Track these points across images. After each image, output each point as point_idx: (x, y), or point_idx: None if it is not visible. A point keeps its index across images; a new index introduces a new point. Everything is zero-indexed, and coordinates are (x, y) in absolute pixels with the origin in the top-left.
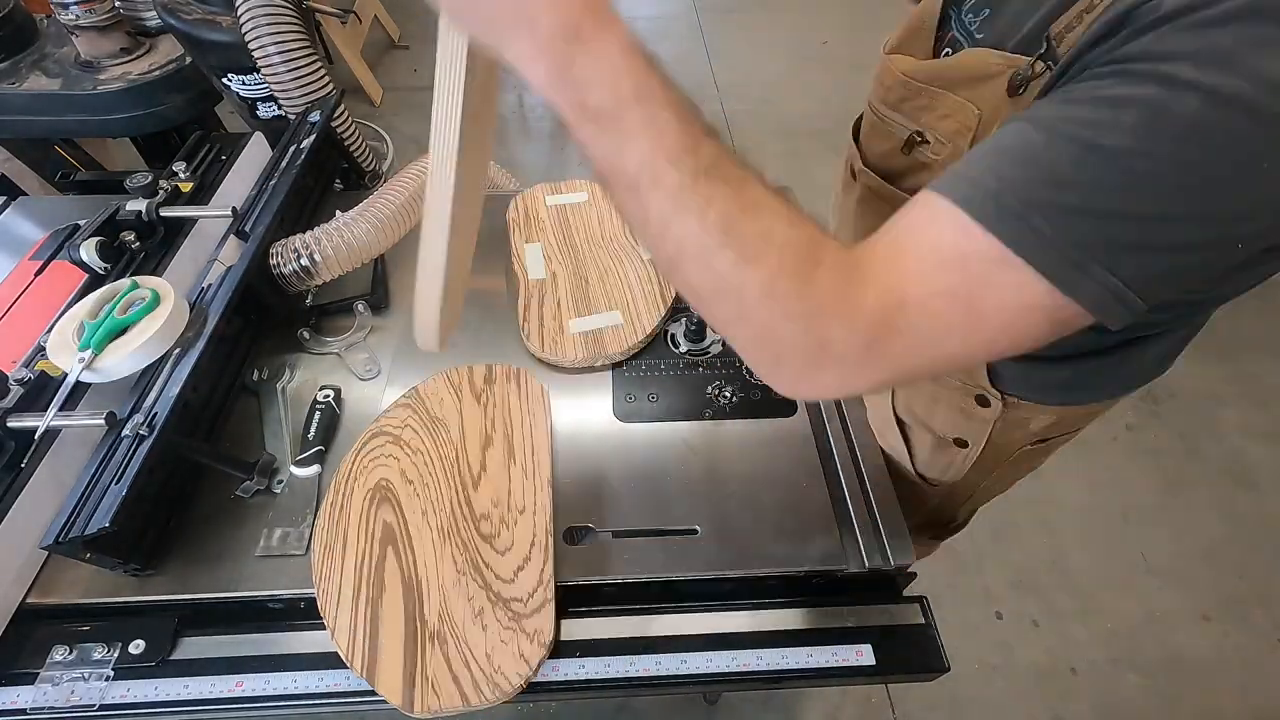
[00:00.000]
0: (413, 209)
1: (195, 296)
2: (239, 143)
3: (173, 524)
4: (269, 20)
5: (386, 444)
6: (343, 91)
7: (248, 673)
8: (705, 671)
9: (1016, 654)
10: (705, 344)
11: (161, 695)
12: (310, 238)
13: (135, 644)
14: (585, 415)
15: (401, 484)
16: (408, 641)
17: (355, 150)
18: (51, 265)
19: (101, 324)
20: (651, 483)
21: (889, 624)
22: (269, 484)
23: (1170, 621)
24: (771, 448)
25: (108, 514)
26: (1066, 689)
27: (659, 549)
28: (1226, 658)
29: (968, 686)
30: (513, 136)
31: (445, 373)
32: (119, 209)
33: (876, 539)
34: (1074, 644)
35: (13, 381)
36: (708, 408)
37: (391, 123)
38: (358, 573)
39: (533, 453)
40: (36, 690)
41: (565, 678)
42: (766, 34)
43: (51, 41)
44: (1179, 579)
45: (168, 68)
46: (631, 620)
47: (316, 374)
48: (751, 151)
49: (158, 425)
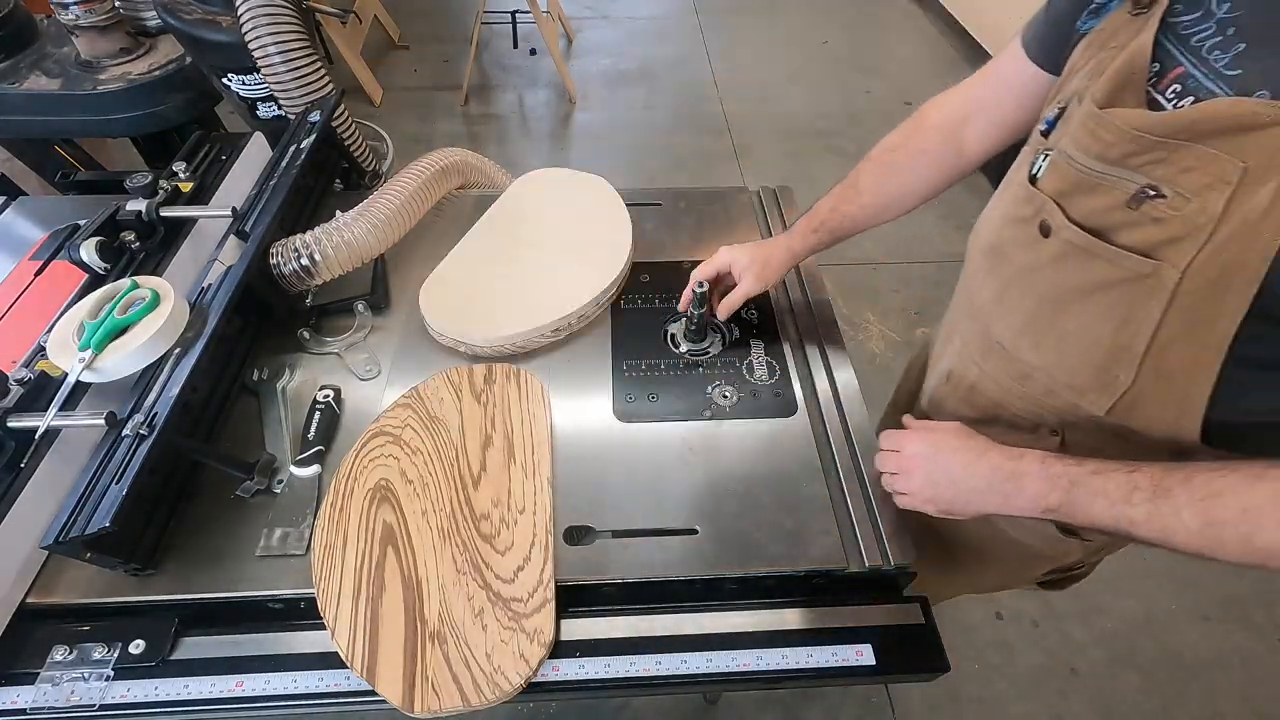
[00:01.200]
0: (413, 209)
1: (195, 296)
2: (239, 143)
3: (173, 524)
4: (269, 20)
5: (386, 444)
6: (343, 91)
7: (248, 673)
8: (705, 671)
9: (1016, 654)
10: (705, 344)
11: (161, 695)
12: (310, 238)
13: (135, 644)
14: (585, 415)
15: (401, 484)
16: (408, 641)
17: (355, 150)
18: (51, 265)
19: (101, 324)
20: (651, 483)
21: (889, 624)
22: (269, 484)
23: (1170, 621)
24: (771, 448)
25: (108, 514)
26: (1066, 689)
27: (659, 549)
28: (1226, 658)
29: (968, 686)
30: (513, 136)
31: (445, 373)
32: (119, 209)
33: (876, 539)
34: (1074, 644)
35: (13, 381)
36: (708, 408)
37: (391, 123)
38: (358, 573)
39: (533, 452)
40: (36, 690)
41: (565, 678)
42: (766, 34)
43: (51, 41)
44: (1179, 579)
45: (168, 68)
46: (631, 620)
47: (316, 374)
48: (752, 151)
49: (158, 425)
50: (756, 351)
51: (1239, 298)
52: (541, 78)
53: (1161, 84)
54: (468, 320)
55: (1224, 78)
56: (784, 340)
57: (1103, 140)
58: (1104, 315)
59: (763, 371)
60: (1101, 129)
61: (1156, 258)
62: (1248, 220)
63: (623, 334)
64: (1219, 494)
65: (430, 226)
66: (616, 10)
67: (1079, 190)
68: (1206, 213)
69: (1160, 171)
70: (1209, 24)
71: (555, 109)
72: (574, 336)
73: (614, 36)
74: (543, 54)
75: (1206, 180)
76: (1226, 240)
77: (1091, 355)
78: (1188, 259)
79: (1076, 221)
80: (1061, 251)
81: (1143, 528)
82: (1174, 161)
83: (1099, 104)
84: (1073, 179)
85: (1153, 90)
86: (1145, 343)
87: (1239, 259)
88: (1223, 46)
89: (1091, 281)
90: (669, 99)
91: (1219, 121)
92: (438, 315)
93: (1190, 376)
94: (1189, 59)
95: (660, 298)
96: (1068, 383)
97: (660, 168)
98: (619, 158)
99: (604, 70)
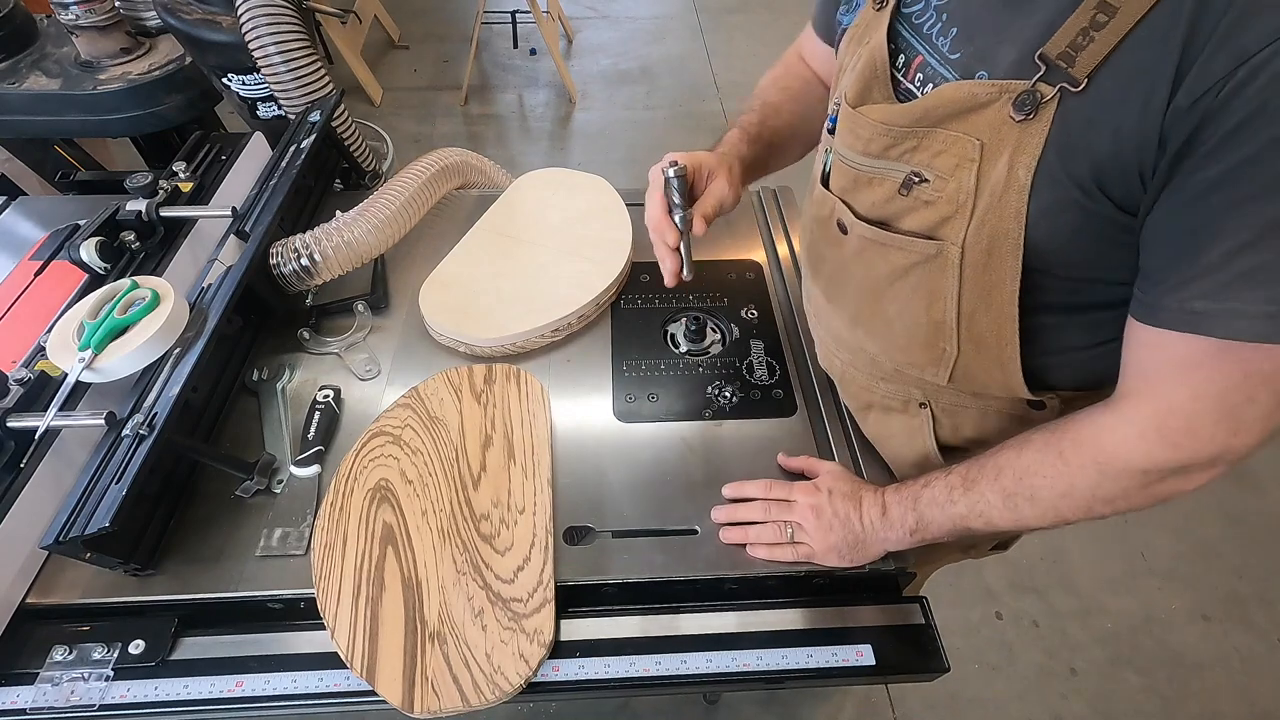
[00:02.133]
0: (413, 209)
1: (195, 296)
2: (239, 143)
3: (173, 524)
4: (269, 20)
5: (386, 444)
6: (343, 91)
7: (248, 673)
8: (705, 671)
9: (1016, 654)
10: (705, 344)
11: (161, 695)
12: (310, 238)
13: (135, 644)
14: (585, 415)
15: (401, 484)
16: (408, 641)
17: (355, 150)
18: (51, 265)
19: (101, 324)
20: (651, 483)
21: (889, 624)
22: (269, 484)
23: (1170, 621)
24: (771, 448)
25: (108, 514)
26: (1066, 689)
27: (659, 549)
28: (1226, 658)
29: (968, 686)
30: (513, 136)
31: (445, 373)
32: (119, 209)
33: None
34: (1074, 644)
35: (13, 381)
36: (708, 408)
37: (391, 123)
38: (358, 573)
39: (533, 453)
40: (36, 690)
41: (565, 678)
42: (766, 34)
43: (51, 41)
44: (1179, 579)
45: (168, 68)
46: (631, 620)
47: (316, 374)
48: None
49: (158, 425)
50: (756, 351)
51: (1013, 260)
52: (541, 78)
53: (909, 74)
54: (468, 320)
55: (950, 62)
56: (784, 340)
57: (862, 137)
58: (914, 296)
59: (763, 371)
60: (859, 126)
61: (937, 237)
62: (995, 192)
63: (623, 334)
64: (1002, 469)
65: (430, 226)
66: (616, 10)
67: (859, 186)
68: (964, 190)
69: (919, 158)
70: (929, 13)
71: (555, 109)
72: (574, 336)
73: (614, 36)
74: (543, 54)
75: (955, 160)
76: (986, 212)
77: (916, 334)
78: (961, 235)
79: (863, 215)
80: (860, 246)
81: (971, 520)
82: (926, 147)
83: (852, 103)
84: (851, 176)
85: (904, 80)
86: (954, 316)
87: (1001, 227)
88: (943, 33)
89: (894, 269)
90: (669, 99)
91: (948, 106)
92: (437, 315)
93: (999, 337)
94: (925, 47)
95: (660, 298)
96: (907, 361)
97: None
98: (619, 158)
99: (604, 70)
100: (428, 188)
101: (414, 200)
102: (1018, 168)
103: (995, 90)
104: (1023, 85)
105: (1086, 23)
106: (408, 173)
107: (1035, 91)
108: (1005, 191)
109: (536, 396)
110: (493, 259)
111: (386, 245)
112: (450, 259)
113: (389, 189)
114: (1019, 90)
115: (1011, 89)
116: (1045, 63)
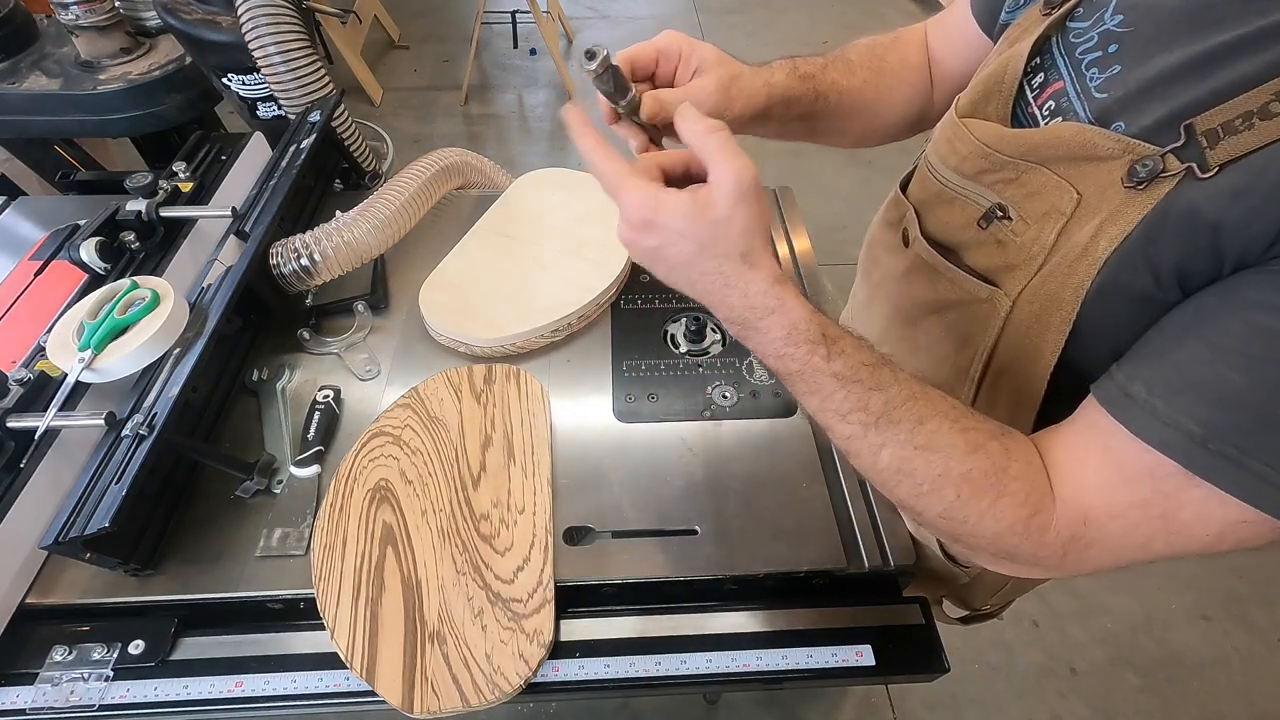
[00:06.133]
0: (413, 209)
1: (195, 296)
2: (239, 143)
3: (172, 524)
4: (269, 20)
5: (386, 444)
6: (343, 91)
7: (247, 673)
8: (705, 671)
9: (1016, 654)
10: (705, 344)
11: (161, 695)
12: (310, 238)
13: (135, 644)
14: (585, 415)
15: (401, 484)
16: (407, 641)
17: (355, 150)
18: (51, 265)
19: (101, 324)
20: (651, 483)
21: (889, 624)
22: (269, 484)
23: (1170, 621)
24: (771, 448)
25: (108, 514)
26: (1066, 689)
27: (659, 549)
28: (1226, 658)
29: (968, 686)
30: (513, 136)
31: (445, 373)
32: (119, 209)
33: (876, 539)
34: (1074, 644)
35: (13, 381)
36: (708, 408)
37: (391, 123)
38: (357, 573)
39: (532, 453)
40: (36, 690)
41: (565, 678)
42: (766, 34)
43: (51, 41)
44: (1179, 579)
45: (168, 68)
46: (631, 620)
47: (316, 374)
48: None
49: (158, 425)
50: None
51: (1057, 334)
52: (541, 78)
53: (1041, 98)
54: (468, 320)
55: (1092, 100)
56: None
57: (958, 152)
58: (947, 335)
59: (763, 371)
60: (958, 140)
61: (994, 283)
62: (1068, 256)
63: (622, 334)
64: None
65: (430, 226)
66: (616, 10)
67: (939, 202)
68: (1040, 241)
69: (1011, 192)
70: (1093, 35)
71: (555, 109)
72: (574, 336)
73: (614, 36)
74: (543, 54)
75: (1045, 208)
76: (1050, 273)
77: (938, 370)
78: (1018, 289)
79: (930, 235)
80: (913, 265)
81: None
82: (1024, 183)
83: (960, 112)
84: (933, 190)
85: (1032, 103)
86: (980, 369)
87: (1057, 294)
88: (1101, 65)
89: (938, 300)
90: None
91: (1062, 147)
92: (437, 315)
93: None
94: (1070, 73)
95: (660, 298)
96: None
97: None
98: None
99: None
100: (428, 188)
101: (414, 200)
102: (1101, 238)
103: (1119, 147)
104: (1150, 151)
105: (1256, 107)
106: (408, 173)
107: (1161, 161)
108: (1079, 259)
109: (536, 396)
110: (493, 259)
111: (386, 245)
112: (450, 259)
113: (389, 189)
114: (1143, 154)
115: (1136, 150)
116: (1188, 134)
